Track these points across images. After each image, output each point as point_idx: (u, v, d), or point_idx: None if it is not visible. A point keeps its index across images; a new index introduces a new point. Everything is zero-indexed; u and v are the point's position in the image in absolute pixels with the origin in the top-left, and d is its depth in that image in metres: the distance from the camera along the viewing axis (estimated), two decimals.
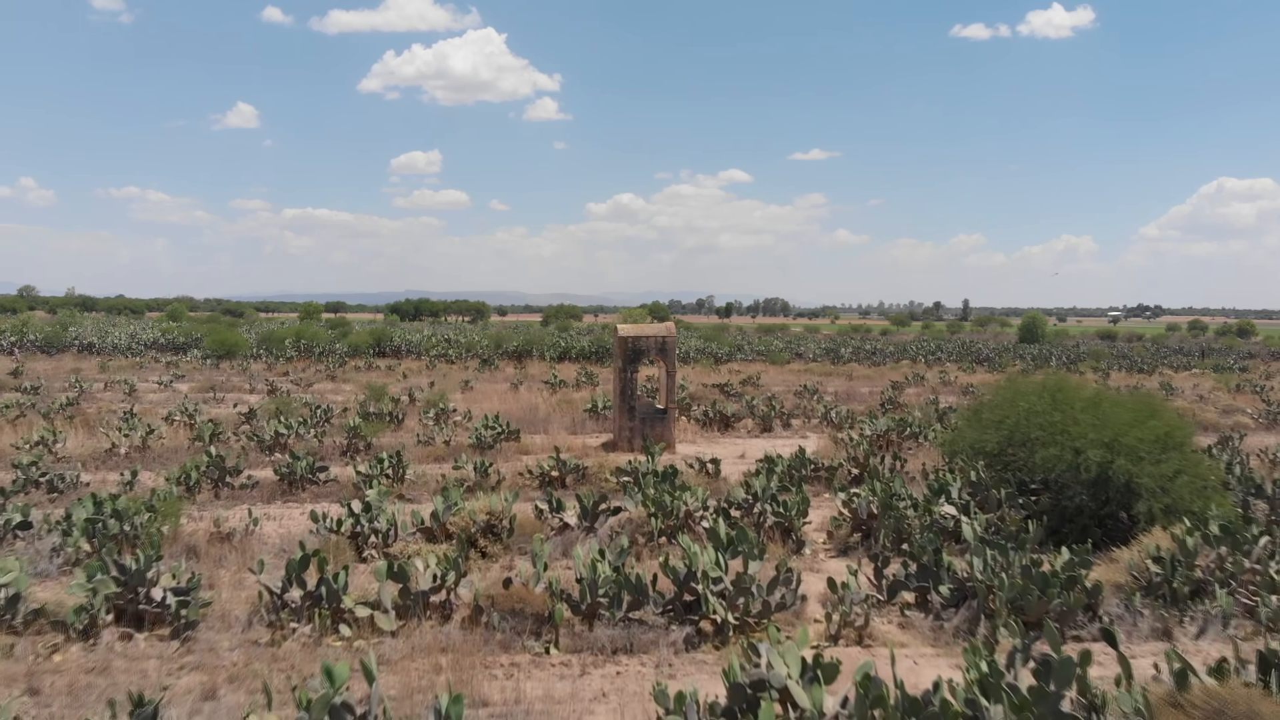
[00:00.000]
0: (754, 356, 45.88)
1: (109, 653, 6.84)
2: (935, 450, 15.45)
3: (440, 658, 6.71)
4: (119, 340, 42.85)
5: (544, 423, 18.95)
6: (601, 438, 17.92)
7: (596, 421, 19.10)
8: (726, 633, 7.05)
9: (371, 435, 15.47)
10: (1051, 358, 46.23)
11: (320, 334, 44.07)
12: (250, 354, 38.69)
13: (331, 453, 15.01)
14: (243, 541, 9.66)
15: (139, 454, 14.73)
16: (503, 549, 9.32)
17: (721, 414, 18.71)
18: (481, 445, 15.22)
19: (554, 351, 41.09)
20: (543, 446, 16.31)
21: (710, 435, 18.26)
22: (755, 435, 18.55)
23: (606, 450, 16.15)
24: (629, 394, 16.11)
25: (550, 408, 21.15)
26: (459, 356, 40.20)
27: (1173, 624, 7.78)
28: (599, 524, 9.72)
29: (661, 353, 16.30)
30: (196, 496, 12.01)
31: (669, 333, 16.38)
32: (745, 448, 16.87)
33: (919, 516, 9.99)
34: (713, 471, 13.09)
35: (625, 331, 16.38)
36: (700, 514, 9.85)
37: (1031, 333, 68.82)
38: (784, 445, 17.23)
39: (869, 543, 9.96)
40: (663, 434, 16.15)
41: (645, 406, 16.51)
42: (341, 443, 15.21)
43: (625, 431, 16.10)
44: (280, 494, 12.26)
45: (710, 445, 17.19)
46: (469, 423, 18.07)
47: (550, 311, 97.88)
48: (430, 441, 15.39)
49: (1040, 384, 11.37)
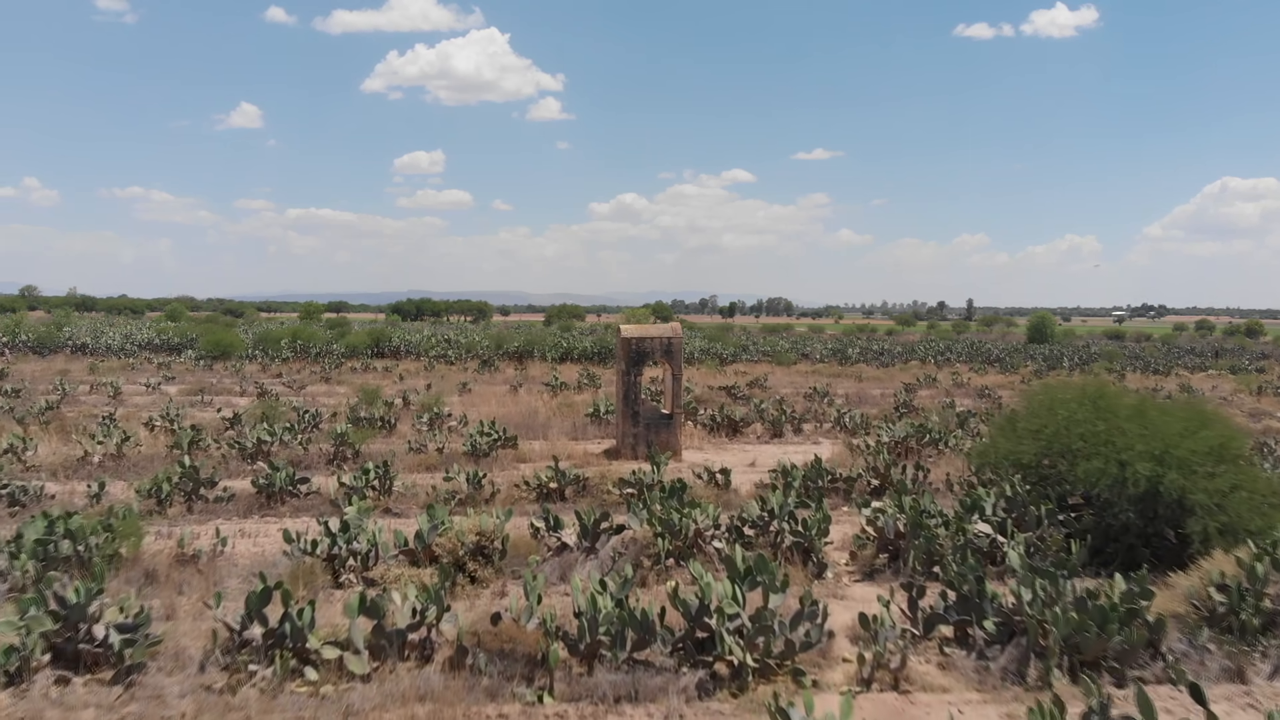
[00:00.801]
0: (759, 357, 44.99)
1: (43, 700, 6.00)
2: (958, 459, 14.57)
3: (417, 708, 5.86)
4: (113, 341, 42.07)
5: (544, 428, 18.10)
6: (604, 444, 17.06)
7: (598, 426, 18.24)
8: (745, 677, 6.19)
9: (361, 442, 14.63)
10: (1064, 359, 45.28)
11: (317, 334, 43.27)
12: (246, 355, 37.90)
13: (317, 461, 14.17)
14: (210, 564, 8.82)
15: (113, 463, 13.90)
16: (494, 573, 8.46)
17: (729, 419, 17.84)
18: (476, 453, 14.37)
19: (555, 352, 40.25)
20: (542, 453, 15.47)
21: (718, 441, 17.39)
22: (765, 441, 17.68)
23: (609, 458, 15.30)
24: (633, 398, 15.25)
25: (550, 411, 20.30)
26: (458, 357, 39.37)
27: (1245, 663, 6.91)
28: (600, 544, 8.87)
29: (667, 355, 15.44)
30: (168, 510, 11.18)
31: (675, 334, 15.52)
32: (755, 455, 16.01)
33: (951, 536, 9.13)
34: (722, 482, 12.23)
35: (629, 332, 15.53)
36: (711, 533, 8.99)
37: (1040, 333, 67.82)
38: (796, 452, 16.38)
39: (897, 565, 9.09)
40: (668, 440, 15.28)
41: (650, 411, 15.65)
42: (328, 450, 14.36)
43: (629, 438, 15.24)
44: (258, 508, 11.41)
45: (718, 452, 16.33)
46: (465, 428, 17.23)
47: (553, 311, 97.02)
48: (422, 449, 14.54)
49: (1079, 389, 10.50)
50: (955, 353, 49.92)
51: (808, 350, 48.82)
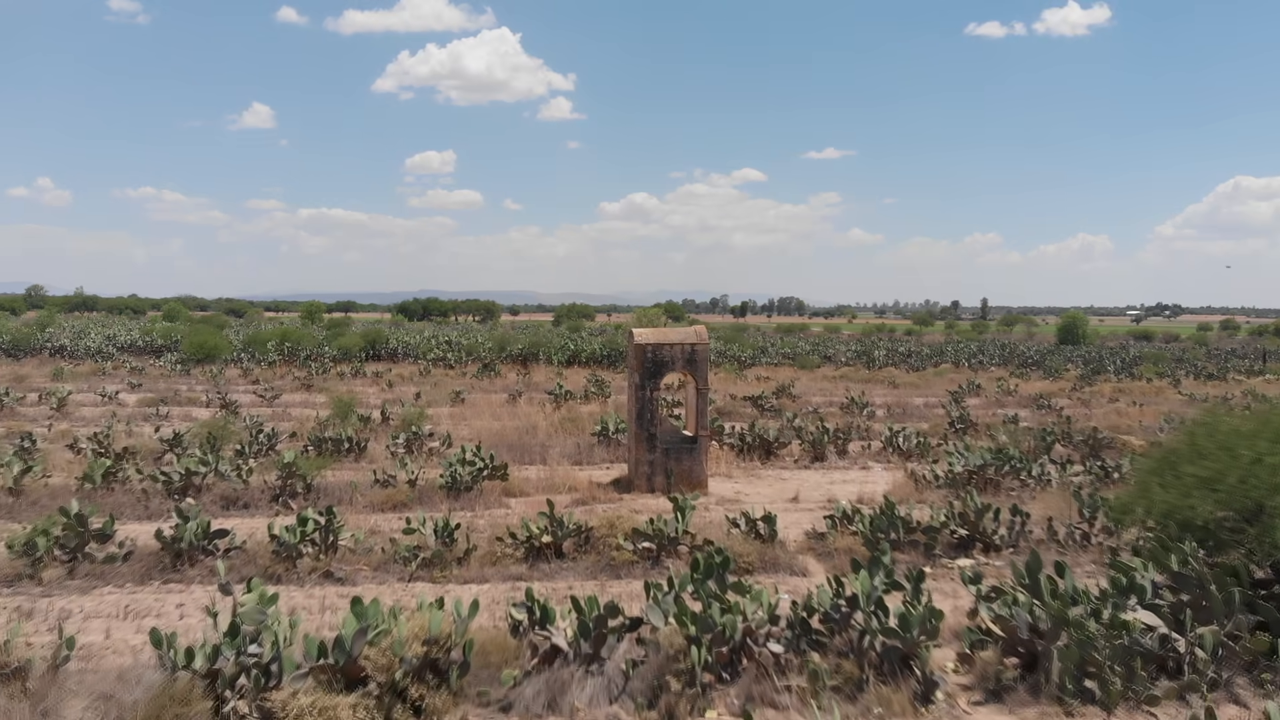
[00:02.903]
0: (780, 360, 42.16)
1: None
2: (1053, 495, 11.78)
3: None
4: (93, 343, 39.66)
5: (542, 448, 15.41)
6: (613, 470, 14.34)
7: (607, 448, 15.50)
8: None
9: (315, 472, 11.96)
10: (1107, 362, 42.24)
11: (307, 336, 40.68)
12: (231, 358, 35.37)
13: (259, 498, 11.51)
14: (48, 678, 6.14)
15: (9, 499, 11.28)
16: (450, 699, 5.75)
17: (762, 439, 15.07)
18: (457, 486, 11.69)
19: (562, 355, 37.53)
20: (538, 483, 12.78)
21: (749, 466, 14.62)
22: (805, 465, 14.91)
23: (619, 490, 12.58)
24: (648, 418, 12.52)
25: (552, 427, 17.59)
26: (458, 360, 36.71)
27: None
28: (607, 650, 6.14)
29: (690, 365, 12.70)
30: (42, 574, 8.53)
31: (699, 339, 12.78)
32: (796, 485, 13.27)
33: (1106, 631, 6.37)
34: (766, 533, 9.49)
35: (643, 338, 12.79)
36: (766, 631, 6.25)
37: (1071, 333, 64.67)
38: (844, 480, 13.62)
39: (1034, 677, 6.32)
40: (691, 470, 12.56)
41: (669, 434, 12.94)
42: (275, 483, 11.69)
43: (643, 467, 12.52)
44: (160, 570, 8.74)
45: (751, 481, 13.58)
46: (448, 450, 14.55)
47: (561, 311, 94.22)
48: (391, 481, 11.87)
49: (1261, 420, 7.70)
50: (987, 355, 46.92)
51: (830, 352, 45.94)
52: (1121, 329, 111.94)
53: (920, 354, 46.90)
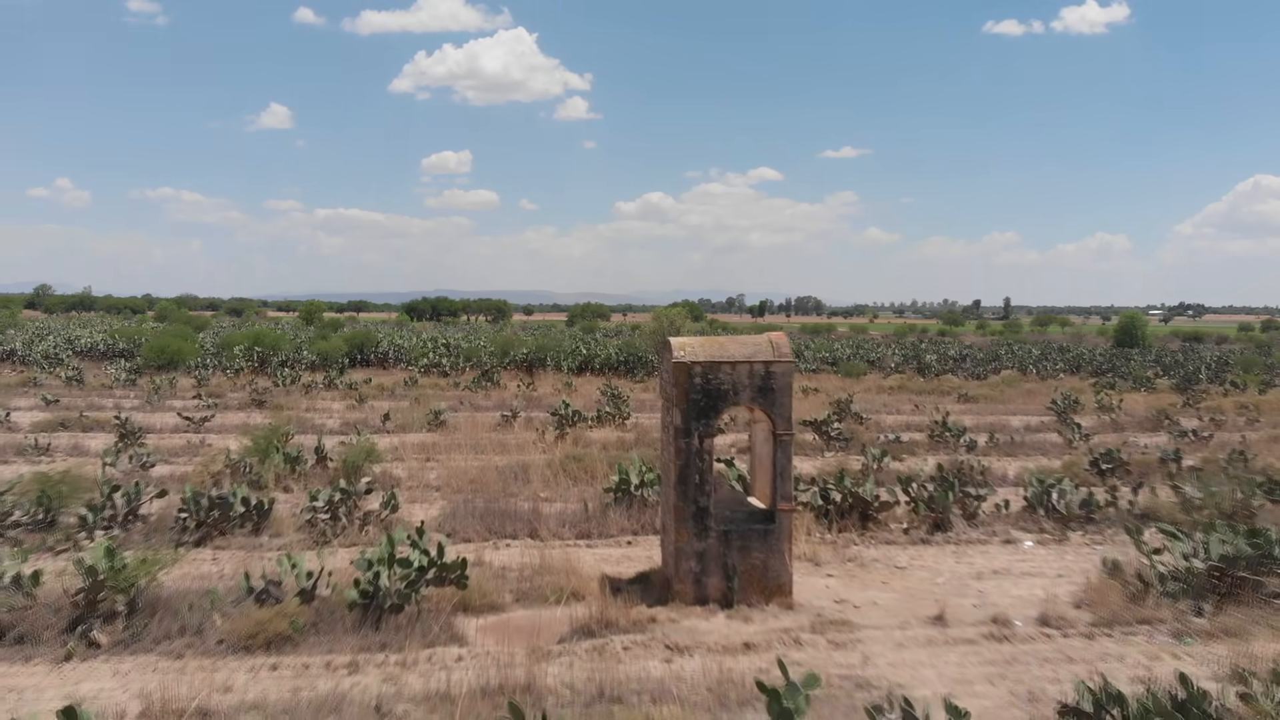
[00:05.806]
0: (817, 365, 37.17)
1: None
2: None
3: None
4: (49, 347, 35.32)
5: (533, 508, 10.63)
6: (636, 549, 9.56)
7: (628, 510, 10.59)
8: None
9: (155, 573, 7.25)
10: (1197, 367, 36.92)
11: (282, 339, 36.05)
12: (196, 363, 30.87)
13: (49, 624, 6.80)
14: None
15: None
16: None
17: (858, 497, 10.22)
18: (380, 604, 6.95)
19: (573, 361, 32.68)
20: (518, 580, 8.06)
21: (841, 545, 9.71)
22: (921, 539, 10.03)
23: (648, 597, 7.79)
24: (696, 482, 7.72)
25: (551, 470, 12.79)
26: (454, 366, 31.99)
27: None
28: None
29: (763, 396, 7.87)
30: None
31: (779, 355, 7.94)
32: (926, 583, 8.43)
33: None
34: None
35: (689, 353, 7.95)
36: None
37: (1130, 335, 59.17)
38: (996, 573, 8.76)
39: None
40: (767, 567, 7.74)
41: (729, 506, 8.16)
42: (77, 599, 6.96)
43: (689, 560, 7.72)
44: None
45: (854, 577, 8.73)
46: (389, 515, 9.83)
47: (576, 310, 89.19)
48: (272, 592, 7.12)
49: None
50: (1050, 360, 41.66)
51: (873, 357, 40.81)
52: (1160, 330, 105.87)
53: (975, 358, 41.74)
